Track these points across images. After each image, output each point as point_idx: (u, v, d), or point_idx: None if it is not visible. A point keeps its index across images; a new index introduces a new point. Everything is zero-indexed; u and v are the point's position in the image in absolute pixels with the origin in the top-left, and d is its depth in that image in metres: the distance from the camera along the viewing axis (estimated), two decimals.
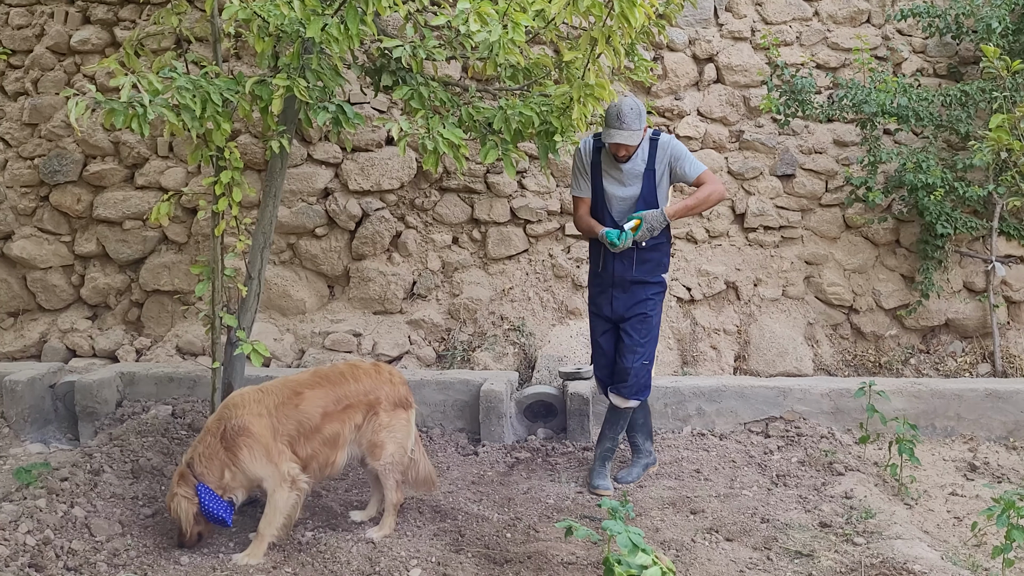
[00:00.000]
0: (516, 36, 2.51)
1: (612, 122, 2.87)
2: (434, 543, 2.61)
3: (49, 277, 4.48)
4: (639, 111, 2.88)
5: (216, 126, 2.59)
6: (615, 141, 2.87)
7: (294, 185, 4.28)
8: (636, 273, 3.01)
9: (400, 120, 2.66)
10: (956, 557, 2.58)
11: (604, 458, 3.12)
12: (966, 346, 4.25)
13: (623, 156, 2.93)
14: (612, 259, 3.00)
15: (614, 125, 2.87)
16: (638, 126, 2.87)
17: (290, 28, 2.54)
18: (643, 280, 3.02)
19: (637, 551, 1.92)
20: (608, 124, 2.89)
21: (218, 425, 2.52)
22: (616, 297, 3.03)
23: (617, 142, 2.87)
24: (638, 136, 2.88)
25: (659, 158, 2.98)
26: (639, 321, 3.02)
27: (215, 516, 2.47)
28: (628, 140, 2.86)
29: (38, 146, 4.45)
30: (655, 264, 3.04)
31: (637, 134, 2.88)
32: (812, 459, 3.30)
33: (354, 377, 2.66)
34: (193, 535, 2.53)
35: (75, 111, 2.28)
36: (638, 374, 3.01)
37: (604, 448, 3.12)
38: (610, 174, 3.01)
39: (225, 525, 2.52)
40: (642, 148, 2.97)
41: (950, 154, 4.24)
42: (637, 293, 3.02)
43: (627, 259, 3.00)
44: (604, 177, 3.01)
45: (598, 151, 3.02)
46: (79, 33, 4.39)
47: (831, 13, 4.42)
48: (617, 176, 2.99)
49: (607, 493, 3.01)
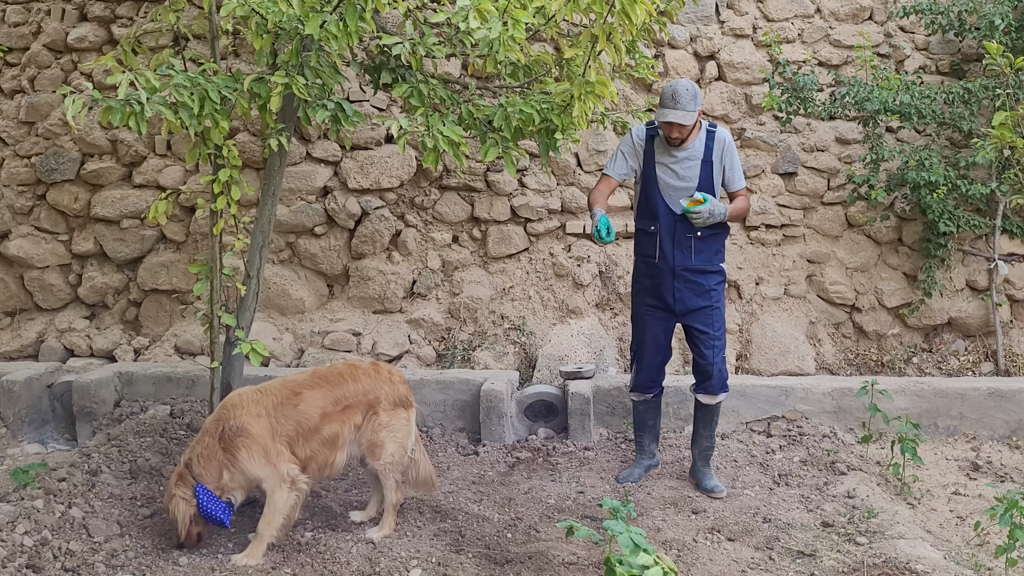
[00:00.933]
0: (516, 33, 2.50)
1: (667, 102, 2.81)
2: (434, 543, 2.60)
3: (46, 276, 4.47)
4: (695, 93, 2.82)
5: (214, 124, 2.57)
6: (669, 120, 2.80)
7: (293, 183, 4.26)
8: (696, 261, 2.93)
9: (400, 118, 2.65)
10: (959, 557, 2.57)
11: (706, 458, 3.08)
12: (969, 345, 4.24)
13: (675, 138, 2.86)
14: (672, 247, 2.92)
15: (668, 104, 2.80)
16: (693, 107, 2.80)
17: (288, 25, 2.53)
18: (703, 269, 2.95)
19: (638, 551, 1.92)
20: (662, 104, 2.83)
21: (216, 426, 2.51)
22: (678, 289, 2.95)
23: (671, 121, 2.80)
24: (692, 117, 2.81)
25: (716, 151, 2.93)
26: (708, 314, 2.96)
27: (213, 517, 2.46)
28: (682, 120, 2.79)
29: (35, 144, 4.43)
30: (713, 252, 2.97)
31: (691, 115, 2.81)
32: (814, 458, 3.29)
33: (353, 377, 2.65)
34: (192, 536, 2.52)
35: (72, 109, 2.26)
36: (720, 367, 2.99)
37: (703, 448, 3.08)
38: (665, 164, 2.93)
39: (223, 526, 2.51)
40: (699, 138, 2.92)
41: (953, 152, 4.22)
42: (700, 284, 2.95)
43: (686, 248, 2.93)
44: (658, 167, 2.94)
45: (651, 139, 2.96)
46: (76, 30, 4.37)
47: (833, 10, 4.40)
48: (673, 165, 2.92)
49: (721, 495, 2.96)
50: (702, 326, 2.97)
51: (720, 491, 3.00)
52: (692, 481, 3.10)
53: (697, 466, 3.11)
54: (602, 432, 3.64)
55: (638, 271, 3.07)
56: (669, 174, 2.93)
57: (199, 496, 2.44)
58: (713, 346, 2.98)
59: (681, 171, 2.93)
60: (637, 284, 3.08)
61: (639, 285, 3.06)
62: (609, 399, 3.65)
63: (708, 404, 3.07)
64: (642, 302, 3.05)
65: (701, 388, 3.04)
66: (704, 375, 3.01)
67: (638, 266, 3.06)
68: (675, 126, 2.84)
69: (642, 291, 3.04)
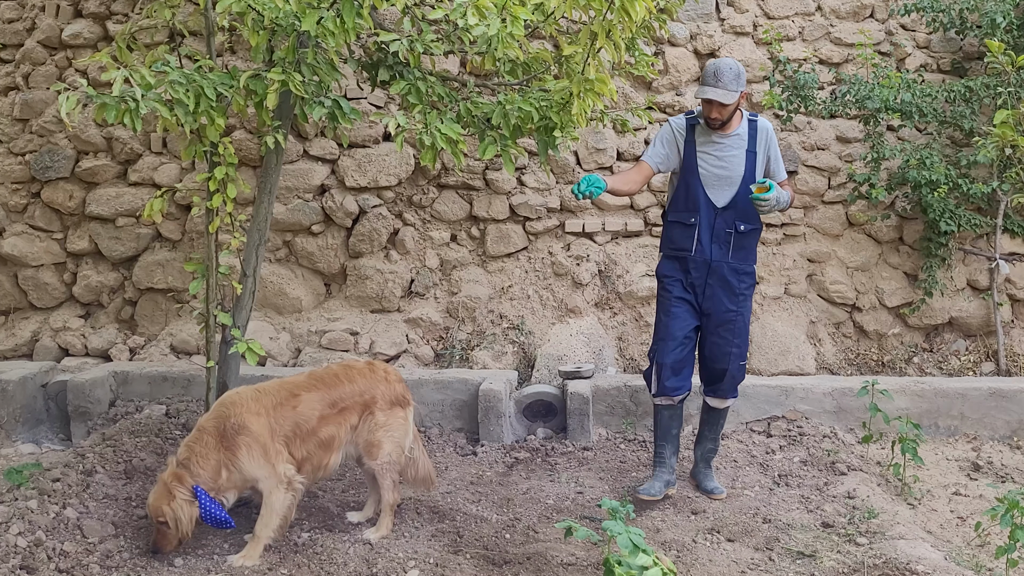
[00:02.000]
0: (515, 30, 2.48)
1: (708, 79, 2.72)
2: (432, 544, 2.59)
3: (41, 275, 4.44)
4: (738, 72, 2.73)
5: (210, 121, 2.56)
6: (708, 97, 2.71)
7: (290, 181, 4.24)
8: (732, 258, 2.84)
9: (397, 115, 2.63)
10: (959, 557, 2.57)
11: (708, 460, 3.02)
12: (970, 344, 4.23)
13: (715, 119, 2.77)
14: (710, 241, 2.82)
15: (710, 82, 2.72)
16: (735, 87, 2.71)
17: (285, 21, 2.52)
18: (738, 268, 2.85)
19: (638, 552, 1.91)
20: (703, 81, 2.75)
21: (216, 423, 2.48)
22: (711, 286, 2.84)
23: (710, 98, 2.71)
24: (733, 97, 2.72)
25: (759, 140, 2.84)
26: (733, 319, 2.86)
27: (218, 518, 2.42)
28: (723, 98, 2.70)
29: (29, 142, 4.40)
30: (749, 251, 2.88)
31: (733, 95, 2.71)
32: (814, 459, 3.28)
33: (348, 378, 2.63)
34: (186, 537, 2.48)
35: (66, 106, 2.25)
36: (736, 374, 2.91)
37: (707, 450, 3.02)
38: (707, 152, 2.83)
39: (229, 526, 2.46)
40: (742, 126, 2.84)
41: (954, 150, 4.21)
42: (733, 286, 2.85)
43: (724, 243, 2.83)
44: (699, 156, 2.83)
45: (691, 128, 2.86)
46: (71, 27, 4.34)
47: (834, 8, 4.39)
48: (716, 152, 2.82)
49: (722, 496, 2.93)
50: (724, 332, 2.86)
51: (720, 492, 2.96)
52: (692, 482, 3.06)
53: (698, 467, 3.06)
54: (601, 432, 3.62)
55: (667, 266, 2.92)
56: (712, 162, 2.82)
57: (200, 498, 2.40)
58: (731, 353, 2.87)
59: (725, 160, 2.82)
60: (665, 277, 2.91)
61: (668, 277, 2.90)
62: (608, 399, 3.64)
63: (718, 408, 2.99)
64: (670, 294, 2.88)
65: (710, 391, 2.96)
66: (716, 378, 2.92)
67: (667, 261, 2.92)
68: (715, 105, 2.73)
69: (671, 284, 2.89)
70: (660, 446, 2.95)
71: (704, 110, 2.81)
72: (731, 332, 2.87)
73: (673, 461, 2.96)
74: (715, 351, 2.88)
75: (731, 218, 2.83)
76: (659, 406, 2.93)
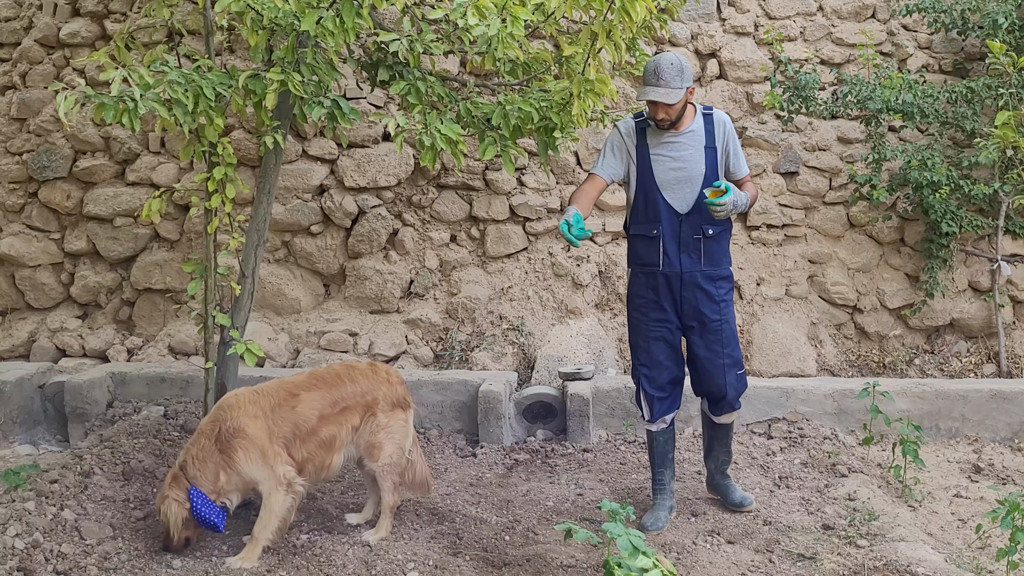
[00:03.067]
0: (515, 30, 2.47)
1: (649, 78, 2.51)
2: (431, 546, 2.58)
3: (38, 275, 4.42)
4: (681, 67, 2.51)
5: (209, 121, 2.55)
6: (649, 98, 2.49)
7: (289, 182, 4.23)
8: (704, 265, 2.62)
9: (397, 115, 2.62)
10: (960, 560, 2.56)
11: (723, 470, 2.86)
12: (971, 346, 4.22)
13: (662, 120, 2.55)
14: (677, 251, 2.60)
15: (651, 81, 2.50)
16: (679, 84, 2.49)
17: (284, 21, 2.51)
18: (713, 274, 2.64)
19: (638, 554, 1.89)
20: (644, 81, 2.53)
21: (212, 427, 2.48)
22: (687, 299, 2.63)
23: (652, 99, 2.49)
24: (678, 95, 2.49)
25: (718, 136, 2.63)
26: (719, 328, 2.64)
27: (207, 521, 2.43)
28: (665, 98, 2.48)
29: (26, 141, 4.39)
30: (722, 253, 2.67)
31: (677, 92, 2.49)
32: (815, 460, 3.27)
33: (350, 378, 2.62)
34: (181, 540, 2.48)
35: (64, 105, 2.24)
36: (736, 384, 2.70)
37: (720, 461, 2.84)
38: (661, 154, 2.61)
39: (217, 530, 2.47)
40: (696, 122, 2.63)
41: (955, 151, 4.20)
42: (710, 293, 2.64)
43: (693, 251, 2.61)
44: (654, 159, 2.61)
45: (642, 131, 2.65)
46: (68, 26, 4.33)
47: (835, 8, 4.38)
48: (670, 153, 2.61)
49: (751, 508, 2.78)
50: (713, 344, 2.65)
51: (750, 503, 2.80)
52: (713, 495, 2.88)
53: (716, 479, 2.87)
54: (601, 434, 3.61)
55: (638, 284, 2.71)
56: (668, 164, 2.61)
57: (193, 499, 2.40)
58: (724, 364, 2.67)
59: (681, 160, 2.61)
60: (638, 299, 2.70)
61: (641, 299, 2.69)
62: (608, 400, 3.63)
63: (724, 424, 2.79)
64: (645, 318, 2.68)
65: (714, 409, 2.76)
66: (717, 395, 2.71)
67: (637, 278, 2.71)
68: (660, 106, 2.52)
69: (645, 306, 2.68)
70: (659, 472, 2.78)
71: (650, 111, 2.59)
72: (720, 343, 2.66)
73: (672, 485, 2.83)
74: (709, 367, 2.67)
75: (696, 223, 2.61)
76: (653, 432, 2.75)
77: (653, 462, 2.80)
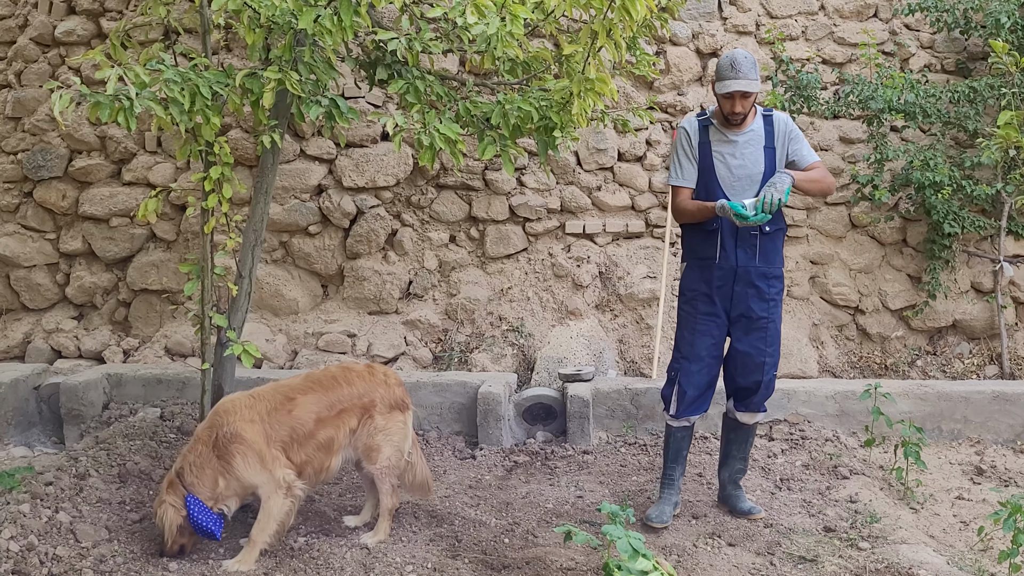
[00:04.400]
0: (514, 29, 2.46)
1: (727, 72, 2.55)
2: (430, 549, 2.57)
3: (33, 276, 4.40)
4: (753, 61, 2.58)
5: (205, 120, 2.53)
6: (733, 90, 2.53)
7: (286, 181, 4.21)
8: (760, 263, 2.65)
9: (395, 115, 2.60)
10: (962, 562, 2.56)
11: (736, 480, 2.84)
12: (973, 347, 4.21)
13: (738, 113, 2.60)
14: (735, 245, 2.64)
15: (730, 75, 2.54)
16: (755, 75, 2.56)
17: (282, 19, 2.49)
18: (767, 273, 2.67)
19: (637, 556, 1.89)
20: (722, 76, 2.57)
21: (209, 433, 2.47)
22: (738, 293, 2.65)
23: (737, 90, 2.53)
24: (758, 84, 2.58)
25: (777, 135, 2.68)
26: (765, 326, 2.67)
27: (204, 529, 2.41)
28: (749, 87, 2.53)
29: (21, 140, 4.37)
30: (776, 253, 2.70)
31: (757, 83, 2.57)
32: (816, 462, 3.27)
33: (347, 380, 2.61)
34: (175, 546, 2.47)
35: (59, 104, 2.22)
36: (769, 385, 2.72)
37: (735, 470, 2.83)
38: (723, 152, 2.66)
39: (213, 538, 2.45)
40: (757, 122, 2.68)
41: (958, 152, 4.19)
42: (762, 290, 2.66)
43: (750, 247, 2.64)
44: (715, 157, 2.66)
45: (705, 129, 2.69)
46: (64, 24, 4.31)
47: (837, 7, 4.37)
48: (732, 152, 2.65)
49: (760, 516, 2.76)
50: (756, 341, 2.68)
51: (758, 512, 2.79)
52: (723, 507, 2.86)
53: (728, 490, 2.85)
54: (601, 436, 3.60)
55: (691, 277, 2.73)
56: (730, 162, 2.66)
57: (190, 506, 2.39)
58: (765, 363, 2.69)
59: (742, 159, 2.65)
60: (690, 291, 2.73)
61: (692, 292, 2.72)
62: (609, 402, 3.61)
63: (747, 424, 2.78)
64: (695, 311, 2.71)
65: (741, 406, 2.75)
66: (748, 391, 2.72)
67: (691, 271, 2.74)
68: (738, 97, 2.56)
69: (696, 298, 2.71)
70: (671, 468, 2.80)
71: (726, 106, 2.61)
72: (764, 340, 2.68)
73: (681, 482, 2.84)
74: (748, 361, 2.69)
75: None
76: (674, 428, 2.77)
77: (667, 457, 2.82)
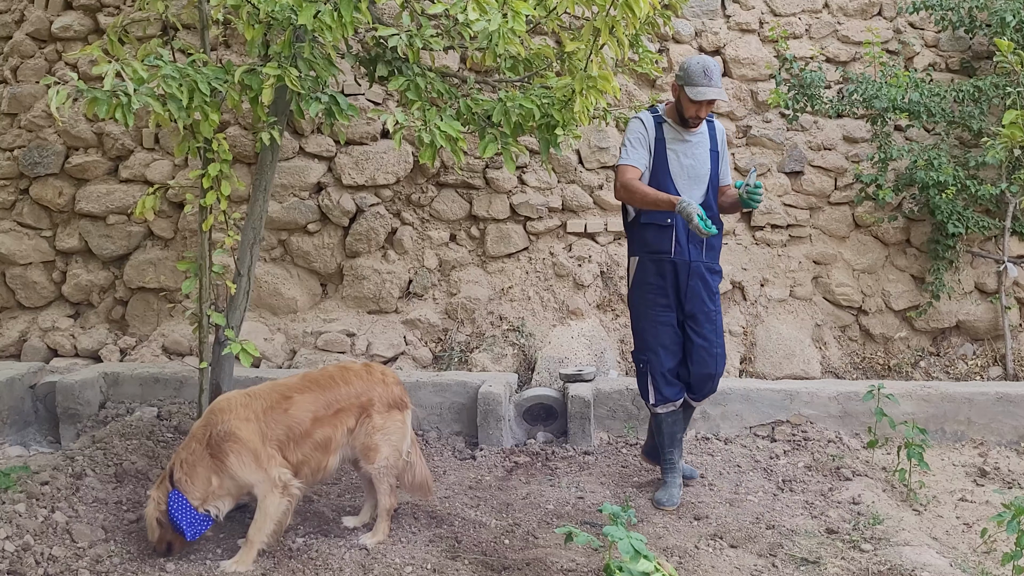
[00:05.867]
0: (516, 26, 2.44)
1: (700, 79, 2.67)
2: (430, 549, 2.56)
3: (29, 273, 4.38)
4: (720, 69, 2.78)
5: (204, 117, 2.52)
6: (709, 98, 2.67)
7: (285, 179, 4.18)
8: (707, 259, 2.83)
9: (396, 112, 2.59)
10: (965, 564, 2.56)
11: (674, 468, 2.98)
12: (977, 349, 4.20)
13: (702, 118, 2.75)
14: (687, 241, 2.78)
15: (703, 82, 2.66)
16: (720, 84, 2.72)
17: (281, 15, 2.47)
18: (712, 268, 2.85)
19: (639, 557, 1.89)
20: (695, 82, 2.67)
21: (204, 431, 2.46)
22: (692, 287, 2.80)
23: (711, 99, 2.67)
24: (725, 94, 2.75)
25: (719, 140, 2.86)
26: (715, 319, 2.84)
27: (176, 525, 2.40)
28: (720, 95, 2.69)
29: (17, 137, 4.35)
30: (718, 250, 2.89)
31: (723, 91, 2.73)
32: (819, 464, 3.26)
33: (344, 380, 2.60)
34: (161, 544, 2.46)
35: (56, 100, 2.21)
36: (720, 374, 2.90)
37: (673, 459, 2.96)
38: (677, 151, 2.79)
39: (182, 535, 2.43)
40: (704, 127, 2.83)
41: (962, 151, 4.18)
42: (710, 284, 2.83)
43: (699, 243, 2.80)
44: (670, 154, 2.79)
45: (659, 126, 2.81)
46: (61, 19, 4.28)
47: (841, 5, 4.36)
48: (685, 151, 2.79)
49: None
50: (707, 334, 2.83)
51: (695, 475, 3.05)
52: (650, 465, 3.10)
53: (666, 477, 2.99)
54: (602, 436, 3.58)
55: (644, 271, 2.86)
56: (683, 160, 2.79)
57: (170, 502, 2.39)
58: (716, 355, 2.86)
59: (693, 159, 2.80)
60: (644, 285, 2.86)
61: (647, 286, 2.85)
62: (610, 402, 3.59)
63: (694, 406, 3.01)
64: (652, 303, 2.84)
65: (697, 397, 2.94)
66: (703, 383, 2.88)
67: (644, 265, 2.86)
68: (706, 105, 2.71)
69: (651, 291, 2.84)
70: (669, 452, 2.93)
71: (691, 110, 2.73)
72: (715, 332, 2.85)
73: (681, 463, 2.99)
74: (703, 355, 2.83)
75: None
76: (661, 414, 2.90)
77: (662, 444, 2.95)
